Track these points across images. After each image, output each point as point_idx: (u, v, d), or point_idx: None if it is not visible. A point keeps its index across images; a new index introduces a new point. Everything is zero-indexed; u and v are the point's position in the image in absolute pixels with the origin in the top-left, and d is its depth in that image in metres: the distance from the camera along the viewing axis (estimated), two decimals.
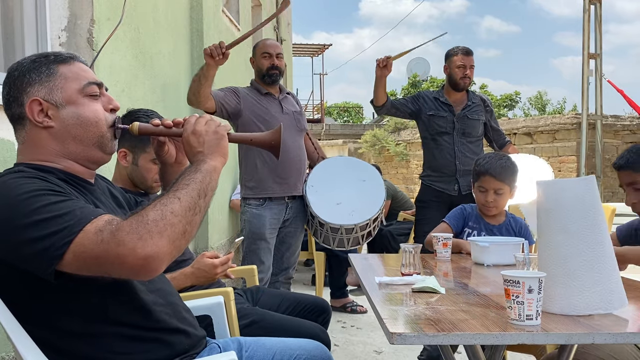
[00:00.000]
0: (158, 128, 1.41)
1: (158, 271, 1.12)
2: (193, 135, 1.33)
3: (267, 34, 9.42)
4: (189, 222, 1.16)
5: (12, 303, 1.20)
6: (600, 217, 1.42)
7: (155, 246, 1.09)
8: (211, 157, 1.30)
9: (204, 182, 1.23)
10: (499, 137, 3.94)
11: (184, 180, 1.22)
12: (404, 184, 12.22)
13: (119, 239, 1.08)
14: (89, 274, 1.13)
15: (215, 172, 1.28)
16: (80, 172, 1.34)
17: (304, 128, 3.46)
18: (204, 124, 1.34)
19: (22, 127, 1.31)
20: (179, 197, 1.16)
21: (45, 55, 1.34)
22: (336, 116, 33.67)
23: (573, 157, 9.69)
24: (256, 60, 3.37)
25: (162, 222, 1.11)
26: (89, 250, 1.09)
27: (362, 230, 3.34)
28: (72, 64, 1.34)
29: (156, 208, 1.13)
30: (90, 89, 1.33)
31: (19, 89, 1.29)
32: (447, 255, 2.25)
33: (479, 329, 1.24)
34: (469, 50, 3.74)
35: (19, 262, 1.14)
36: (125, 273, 1.12)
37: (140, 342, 1.29)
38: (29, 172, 1.23)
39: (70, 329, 1.23)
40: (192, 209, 1.17)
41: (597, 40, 9.61)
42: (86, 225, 1.11)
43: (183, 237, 1.14)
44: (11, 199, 1.14)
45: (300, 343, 1.60)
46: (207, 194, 1.22)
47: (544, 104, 31.25)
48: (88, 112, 1.31)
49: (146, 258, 1.08)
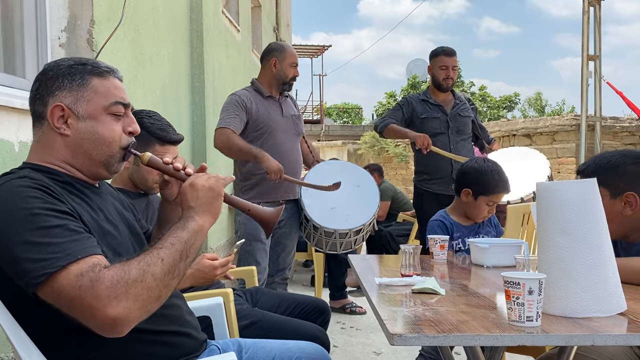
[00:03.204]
0: (166, 167, 1.41)
1: (122, 333, 1.13)
2: (190, 187, 1.32)
3: (266, 35, 9.42)
4: (166, 285, 1.17)
5: (12, 306, 1.20)
6: (601, 219, 1.41)
7: (127, 309, 1.10)
8: (201, 215, 1.29)
9: (189, 242, 1.23)
10: (485, 134, 4.00)
11: (170, 238, 1.22)
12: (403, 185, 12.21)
13: (96, 291, 1.09)
14: (59, 308, 1.14)
15: (202, 232, 1.28)
16: (83, 178, 1.35)
17: (302, 132, 3.46)
18: (206, 179, 1.34)
19: (40, 126, 1.32)
20: (162, 258, 1.17)
21: (83, 63, 1.34)
22: (335, 117, 33.69)
23: (572, 158, 9.70)
24: (282, 66, 3.28)
25: (140, 285, 1.12)
26: (66, 290, 1.10)
27: (355, 235, 3.35)
28: (107, 78, 1.34)
29: (140, 266, 1.14)
30: (116, 108, 1.33)
31: (47, 89, 1.30)
32: (444, 257, 2.25)
33: (479, 330, 1.24)
34: (451, 50, 3.74)
35: (7, 270, 1.15)
36: (90, 324, 1.12)
37: (143, 345, 1.29)
38: (34, 178, 1.22)
39: (71, 334, 1.23)
40: (171, 272, 1.18)
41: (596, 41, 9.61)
42: (71, 264, 1.11)
43: (156, 302, 1.16)
44: (13, 209, 1.15)
45: (299, 345, 1.60)
46: (188, 255, 1.23)
47: (542, 106, 31.28)
48: (105, 130, 1.32)
49: (115, 319, 1.09)
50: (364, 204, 3.38)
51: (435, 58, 3.74)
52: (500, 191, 2.50)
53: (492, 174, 2.49)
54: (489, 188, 2.48)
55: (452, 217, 2.59)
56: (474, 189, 2.51)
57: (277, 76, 3.29)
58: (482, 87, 29.09)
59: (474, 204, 2.52)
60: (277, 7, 10.95)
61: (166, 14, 3.90)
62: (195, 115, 4.69)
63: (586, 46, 9.49)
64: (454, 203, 2.64)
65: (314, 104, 25.37)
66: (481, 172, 2.51)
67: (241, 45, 6.76)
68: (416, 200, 3.80)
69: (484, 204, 2.50)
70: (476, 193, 2.51)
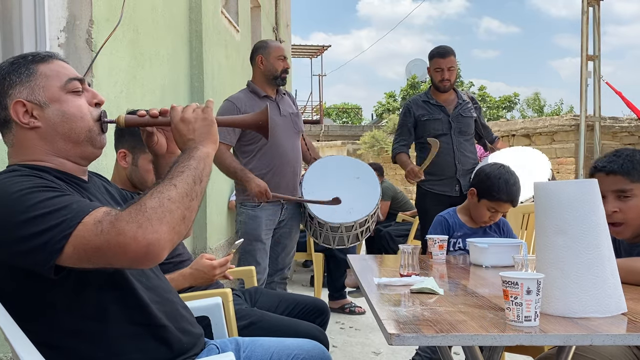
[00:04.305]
0: (144, 118, 1.40)
1: (160, 258, 1.12)
2: (182, 122, 1.33)
3: (266, 36, 9.42)
4: (187, 207, 1.16)
5: (11, 303, 1.20)
6: (600, 220, 1.41)
7: (155, 233, 1.09)
8: (203, 143, 1.30)
9: (198, 168, 1.24)
10: (488, 133, 3.98)
11: (178, 167, 1.22)
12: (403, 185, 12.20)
13: (119, 228, 1.09)
14: (90, 265, 1.13)
15: (209, 158, 1.29)
16: (72, 170, 1.34)
17: (301, 130, 3.45)
18: (192, 111, 1.34)
19: (9, 131, 1.31)
20: (174, 184, 1.17)
21: (23, 57, 1.33)
22: (335, 117, 33.68)
23: (571, 158, 9.70)
24: (269, 61, 3.29)
25: (160, 209, 1.11)
26: (89, 241, 1.09)
27: (361, 227, 3.37)
28: (51, 62, 1.33)
29: (153, 196, 1.14)
30: (72, 85, 1.32)
31: (0, 93, 1.29)
32: (443, 257, 2.25)
33: (478, 330, 1.24)
34: (445, 51, 3.68)
35: (18, 259, 1.13)
36: (127, 262, 1.12)
37: (139, 341, 1.29)
38: (23, 170, 1.23)
39: (69, 328, 1.23)
40: (188, 195, 1.17)
41: (595, 41, 9.61)
42: (84, 217, 1.11)
43: (182, 223, 1.15)
44: (7, 197, 1.14)
45: (298, 343, 1.60)
46: (202, 179, 1.23)
47: (541, 106, 31.28)
48: (72, 108, 1.31)
49: (148, 245, 1.09)
50: (366, 195, 3.40)
51: (430, 60, 3.73)
52: (502, 199, 2.45)
53: (499, 181, 2.44)
54: (491, 193, 2.46)
55: (458, 216, 2.59)
56: (478, 190, 2.51)
57: (267, 72, 3.30)
58: (481, 87, 29.10)
59: (477, 205, 2.52)
60: (276, 8, 10.94)
61: (165, 14, 3.90)
62: None
63: (585, 46, 9.49)
64: (464, 202, 2.65)
65: (314, 104, 25.37)
66: (489, 176, 2.48)
67: (240, 46, 6.75)
68: (419, 201, 3.79)
69: (485, 208, 2.49)
70: (480, 195, 2.50)
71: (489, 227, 2.57)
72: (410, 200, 6.18)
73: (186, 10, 4.53)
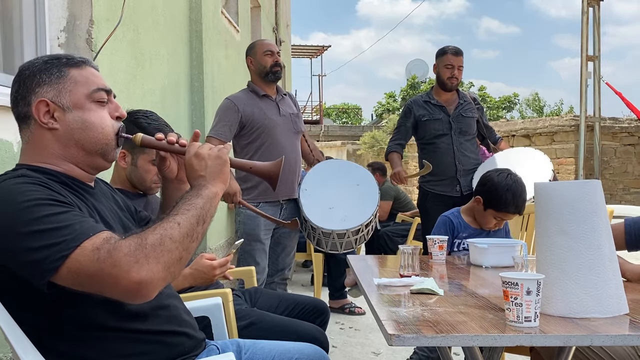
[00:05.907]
0: (161, 142, 1.40)
1: (150, 297, 1.12)
2: (196, 158, 1.32)
3: (266, 36, 9.43)
4: (186, 248, 1.16)
5: (12, 306, 1.20)
6: (602, 220, 1.41)
7: (150, 272, 1.09)
8: (213, 182, 1.30)
9: (204, 208, 1.23)
10: (491, 134, 3.98)
11: (184, 205, 1.22)
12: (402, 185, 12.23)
13: (116, 259, 1.08)
14: (81, 289, 1.13)
15: (216, 199, 1.28)
16: (80, 176, 1.34)
17: (301, 130, 3.45)
18: (208, 148, 1.34)
19: (27, 127, 1.31)
20: (178, 222, 1.17)
21: (57, 57, 1.34)
22: (335, 117, 33.71)
23: (571, 159, 9.71)
24: (257, 60, 3.32)
25: (160, 248, 1.11)
26: (84, 267, 1.09)
27: (354, 235, 3.32)
28: (84, 68, 1.34)
29: (156, 232, 1.13)
30: (99, 95, 1.33)
31: (27, 88, 1.30)
32: (443, 258, 2.25)
33: (478, 331, 1.24)
34: (458, 50, 3.73)
35: (16, 268, 1.14)
36: (117, 294, 1.12)
37: (140, 344, 1.29)
38: (31, 176, 1.22)
39: (69, 333, 1.23)
40: (189, 236, 1.17)
41: (595, 42, 9.62)
42: (84, 241, 1.10)
43: (178, 264, 1.15)
44: (13, 205, 1.14)
45: (298, 347, 1.59)
46: (205, 220, 1.22)
47: (540, 106, 31.29)
48: (94, 117, 1.31)
49: (140, 282, 1.08)
50: (363, 204, 3.35)
51: (441, 56, 3.72)
52: (509, 211, 2.45)
53: (507, 193, 2.42)
54: (499, 205, 2.45)
55: (463, 216, 2.59)
56: (485, 199, 2.49)
57: (258, 71, 3.32)
58: (481, 88, 29.13)
59: (483, 213, 2.51)
60: (276, 8, 10.95)
61: (165, 14, 3.89)
62: (194, 116, 4.69)
63: (585, 47, 9.50)
64: (469, 203, 2.63)
65: (313, 104, 25.39)
66: (496, 187, 2.45)
67: (240, 46, 6.75)
68: (421, 201, 3.79)
69: (491, 216, 2.49)
70: (486, 204, 2.49)
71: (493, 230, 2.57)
72: (411, 200, 6.18)
73: (186, 10, 4.53)
